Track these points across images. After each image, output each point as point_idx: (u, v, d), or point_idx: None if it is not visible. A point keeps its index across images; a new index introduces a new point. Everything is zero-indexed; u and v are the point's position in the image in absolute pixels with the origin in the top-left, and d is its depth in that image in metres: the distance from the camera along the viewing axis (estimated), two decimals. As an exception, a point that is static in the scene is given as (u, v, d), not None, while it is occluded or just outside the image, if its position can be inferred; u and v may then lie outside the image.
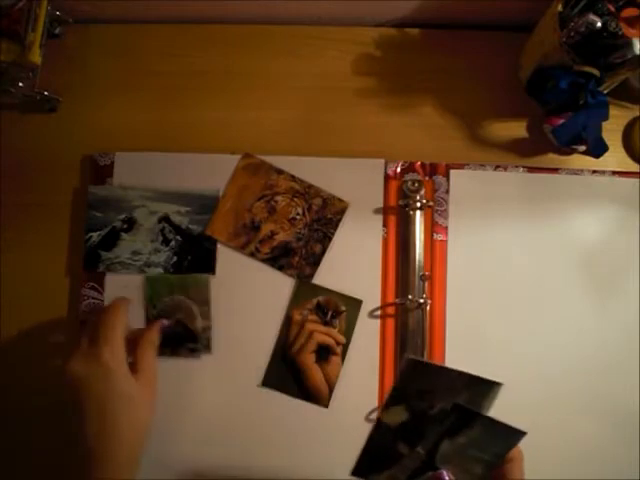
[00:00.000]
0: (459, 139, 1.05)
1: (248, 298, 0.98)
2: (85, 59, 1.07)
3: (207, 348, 0.97)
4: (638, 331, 0.97)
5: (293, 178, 1.00)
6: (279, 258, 0.98)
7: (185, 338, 0.97)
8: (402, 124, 1.05)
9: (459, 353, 0.96)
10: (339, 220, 0.99)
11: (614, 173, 1.01)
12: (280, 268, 0.98)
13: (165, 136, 1.04)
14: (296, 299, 0.97)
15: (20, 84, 0.99)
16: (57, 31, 1.06)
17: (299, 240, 0.99)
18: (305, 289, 0.97)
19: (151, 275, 0.98)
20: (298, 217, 0.99)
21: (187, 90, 1.06)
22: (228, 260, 0.99)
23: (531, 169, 1.01)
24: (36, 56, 0.96)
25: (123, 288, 0.98)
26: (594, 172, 1.01)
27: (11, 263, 1.00)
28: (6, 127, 1.04)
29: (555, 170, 1.01)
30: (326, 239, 0.99)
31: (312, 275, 0.98)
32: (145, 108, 1.06)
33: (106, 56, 1.07)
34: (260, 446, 0.96)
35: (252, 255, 0.98)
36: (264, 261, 0.98)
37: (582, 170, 1.01)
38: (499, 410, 0.94)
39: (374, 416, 0.94)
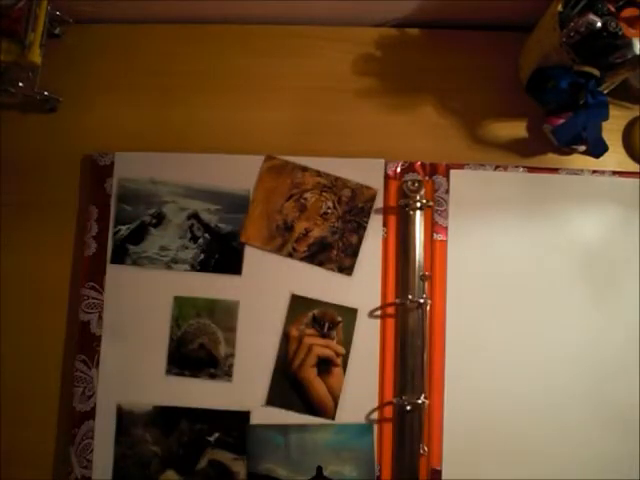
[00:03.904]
0: (459, 139, 1.05)
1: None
2: (85, 59, 1.07)
3: (228, 375, 0.96)
4: (638, 331, 0.97)
5: (319, 173, 1.01)
6: (317, 254, 0.98)
7: (206, 363, 0.96)
8: (402, 124, 1.05)
9: (459, 353, 0.96)
10: (370, 207, 0.99)
11: (614, 173, 1.01)
12: (320, 264, 0.98)
13: (165, 136, 1.05)
14: (291, 315, 0.97)
15: (20, 84, 0.99)
16: (57, 31, 1.06)
17: (334, 234, 0.99)
18: (299, 303, 0.97)
19: (180, 296, 0.98)
20: (330, 211, 0.99)
21: (187, 90, 1.06)
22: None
23: (531, 169, 1.01)
24: (36, 56, 0.96)
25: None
26: (594, 172, 1.01)
27: (11, 263, 1.00)
28: (6, 127, 1.04)
29: (555, 170, 1.01)
30: (361, 228, 0.99)
31: (352, 266, 0.98)
32: (145, 108, 1.06)
33: (106, 56, 1.07)
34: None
35: (290, 255, 0.98)
36: (303, 259, 0.98)
37: (582, 170, 1.01)
38: (500, 411, 0.95)
39: (374, 416, 0.94)
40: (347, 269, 0.98)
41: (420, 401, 0.93)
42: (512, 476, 0.91)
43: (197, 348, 0.96)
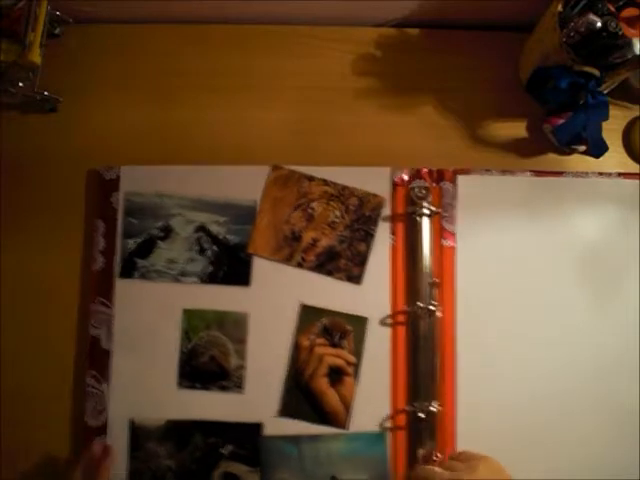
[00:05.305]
0: (459, 139, 1.05)
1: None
2: (85, 59, 1.06)
3: (239, 387, 0.96)
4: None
5: (325, 182, 1.00)
6: (326, 264, 0.98)
7: (217, 375, 0.96)
8: (402, 124, 1.05)
9: (469, 358, 0.96)
10: (378, 215, 0.99)
11: (619, 175, 1.02)
12: (329, 273, 0.98)
13: (165, 135, 1.04)
14: (301, 325, 0.97)
15: (20, 84, 0.98)
16: (57, 31, 1.05)
17: (342, 242, 0.98)
18: (309, 313, 0.97)
19: (189, 308, 0.97)
20: (337, 220, 0.99)
21: (187, 90, 1.06)
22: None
23: (537, 173, 1.01)
24: (36, 56, 0.95)
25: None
26: (600, 174, 1.01)
27: (11, 264, 1.00)
28: (6, 127, 1.03)
29: (561, 173, 1.01)
30: (369, 237, 0.99)
31: (361, 274, 0.98)
32: (145, 107, 1.05)
33: (106, 56, 1.06)
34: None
35: (299, 265, 0.98)
36: (311, 269, 0.98)
37: (587, 173, 1.02)
38: (512, 415, 0.96)
39: (387, 424, 0.95)
40: (356, 278, 0.98)
41: (433, 408, 0.94)
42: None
43: (208, 361, 0.96)
